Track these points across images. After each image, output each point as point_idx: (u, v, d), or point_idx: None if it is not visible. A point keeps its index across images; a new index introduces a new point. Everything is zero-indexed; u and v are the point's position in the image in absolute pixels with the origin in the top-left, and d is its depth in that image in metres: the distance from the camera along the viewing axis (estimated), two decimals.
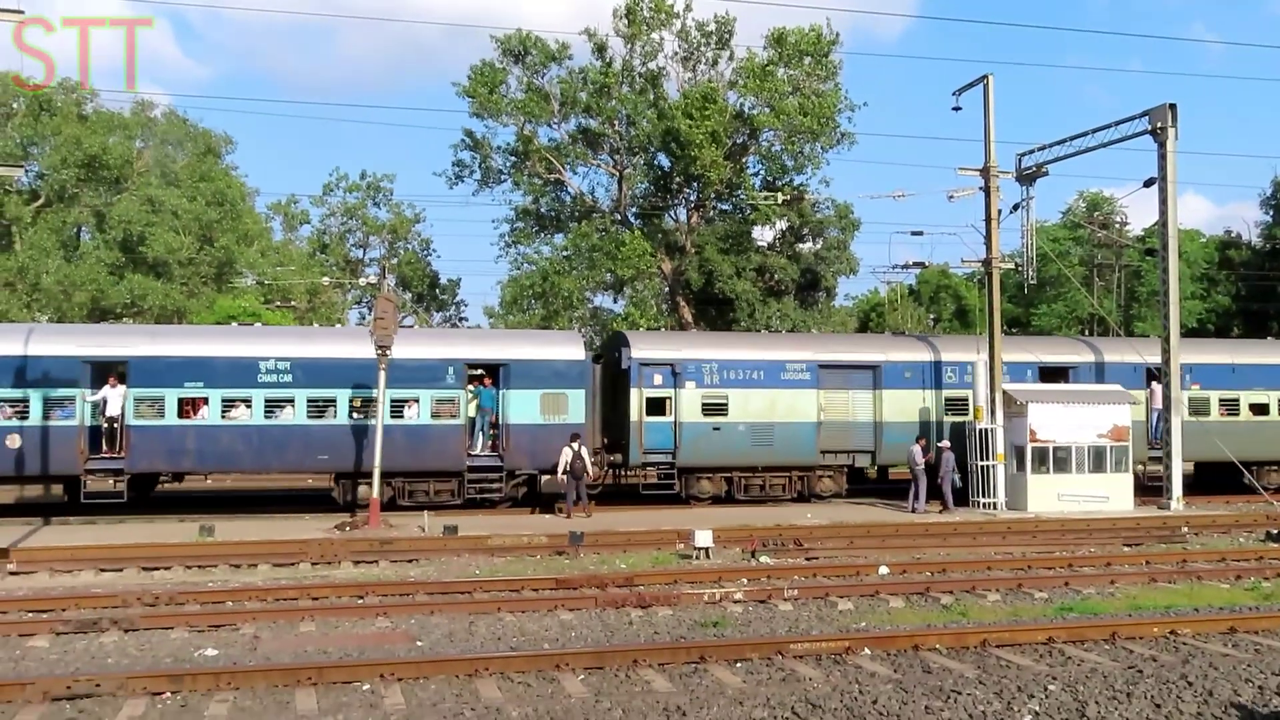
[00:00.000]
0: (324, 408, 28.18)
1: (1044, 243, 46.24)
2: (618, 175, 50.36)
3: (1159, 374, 33.11)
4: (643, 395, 30.20)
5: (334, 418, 28.17)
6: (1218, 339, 42.73)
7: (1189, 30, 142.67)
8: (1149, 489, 31.67)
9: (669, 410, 30.25)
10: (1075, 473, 29.67)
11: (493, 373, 29.63)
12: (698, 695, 11.11)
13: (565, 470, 28.17)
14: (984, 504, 29.80)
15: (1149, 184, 31.19)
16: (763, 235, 49.67)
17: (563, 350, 30.26)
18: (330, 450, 28.12)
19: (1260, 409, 34.19)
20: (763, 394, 30.80)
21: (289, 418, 28.05)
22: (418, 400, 28.54)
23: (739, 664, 12.49)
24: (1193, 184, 72.70)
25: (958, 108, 32.43)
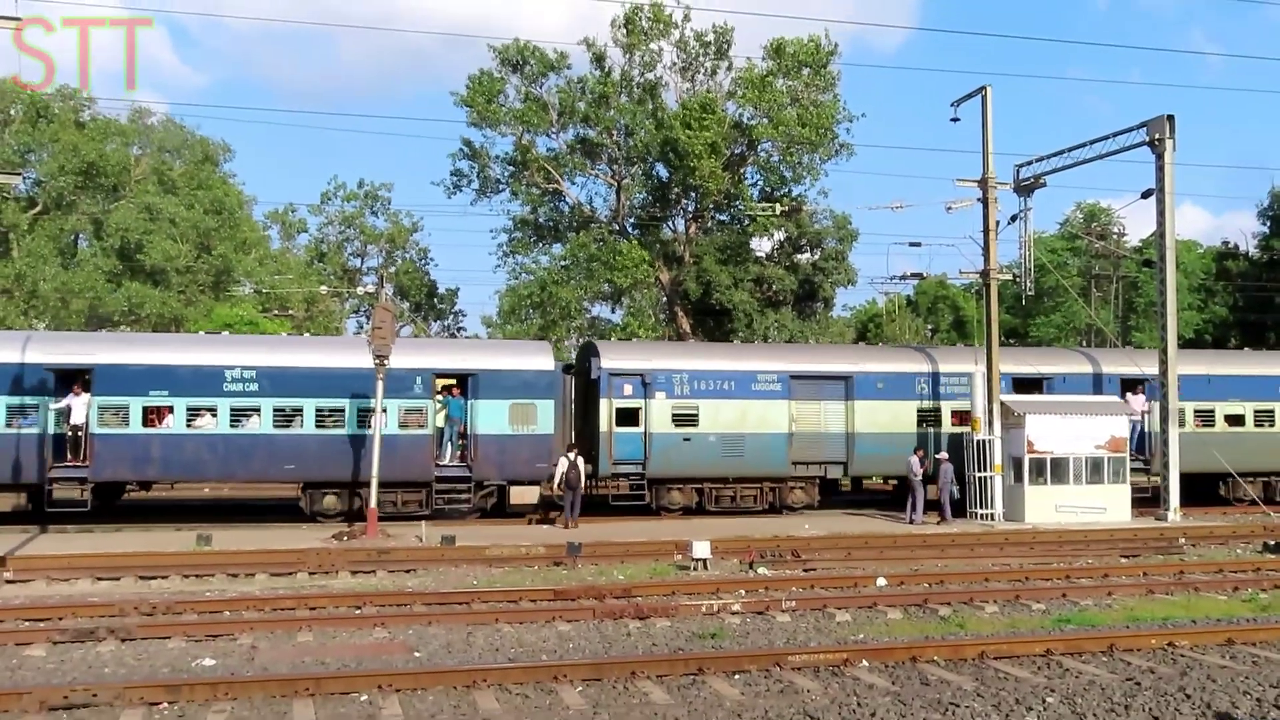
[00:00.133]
0: (290, 417, 28.00)
1: (1042, 254, 46.34)
2: (616, 185, 50.39)
3: (1135, 385, 33.25)
4: (612, 405, 30.02)
5: (300, 427, 28.00)
6: (1194, 350, 42.44)
7: (1187, 40, 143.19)
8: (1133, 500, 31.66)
9: (639, 421, 30.07)
10: (1072, 484, 29.72)
11: (462, 383, 29.45)
12: (696, 707, 11.12)
13: (561, 481, 28.16)
14: (981, 515, 29.83)
15: (1147, 195, 31.31)
16: (761, 246, 49.69)
17: (531, 360, 30.03)
18: (297, 460, 27.95)
19: (1236, 420, 34.05)
20: (733, 405, 30.61)
21: (255, 427, 27.87)
22: (385, 410, 28.04)
23: (737, 676, 12.48)
24: (1190, 195, 73.13)
25: (956, 119, 32.52)
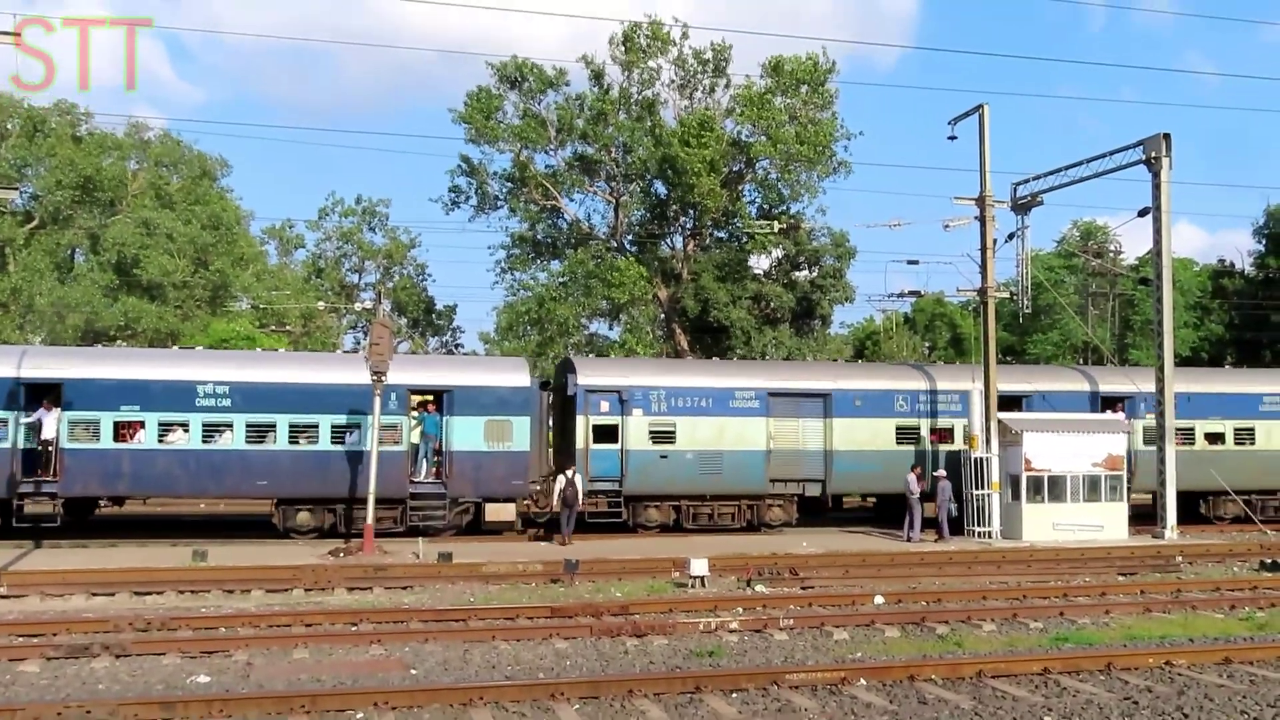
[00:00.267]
0: (263, 433, 27.83)
1: (1039, 271, 46.41)
2: (614, 202, 50.48)
3: (1115, 403, 33.25)
4: (589, 422, 29.82)
5: (274, 443, 27.83)
6: (1176, 368, 42.25)
7: (1182, 59, 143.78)
8: None
9: (617, 438, 29.89)
10: (1070, 502, 29.68)
11: (437, 399, 29.29)
12: None
13: (559, 498, 28.10)
14: (979, 533, 29.78)
15: (1143, 213, 31.34)
16: (759, 263, 49.76)
17: (507, 377, 29.87)
18: (270, 476, 27.74)
19: (1216, 438, 33.85)
20: (711, 422, 30.45)
21: (227, 442, 27.69)
22: (359, 426, 28.06)
23: (735, 694, 12.44)
24: (1185, 213, 73.25)
25: (953, 137, 32.63)
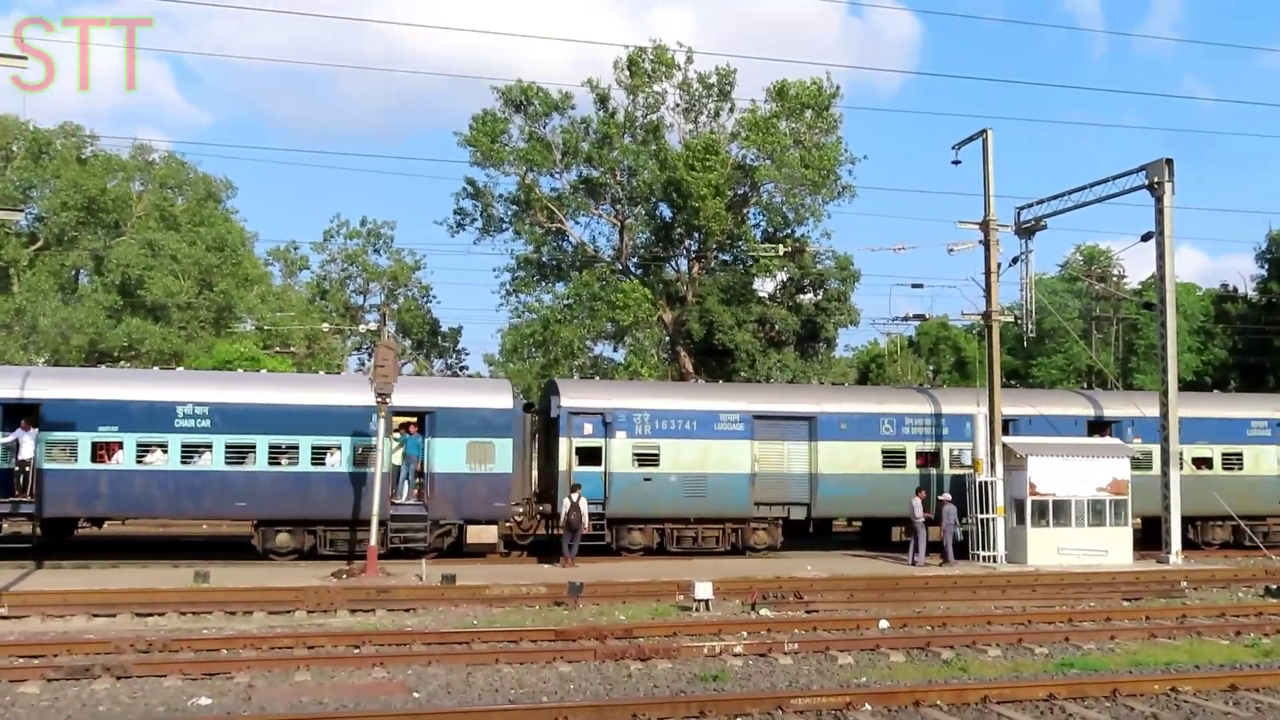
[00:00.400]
0: (243, 453, 27.74)
1: (1042, 295, 46.37)
2: (619, 225, 50.57)
3: (1104, 428, 33.14)
4: (572, 444, 29.69)
5: (253, 464, 27.74)
6: (1155, 392, 42.03)
7: (1184, 85, 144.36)
8: None
9: (600, 460, 29.72)
10: (1074, 526, 29.60)
11: (420, 420, 29.21)
12: None
13: (564, 520, 28.05)
14: (984, 557, 29.69)
15: (1147, 238, 31.43)
16: (763, 286, 49.80)
17: (490, 398, 29.80)
18: (249, 498, 27.65)
19: (1203, 463, 33.50)
20: (695, 444, 30.34)
21: (206, 463, 27.62)
22: (339, 447, 28.05)
23: (739, 718, 12.37)
24: (1188, 238, 73.43)
25: (957, 161, 32.60)
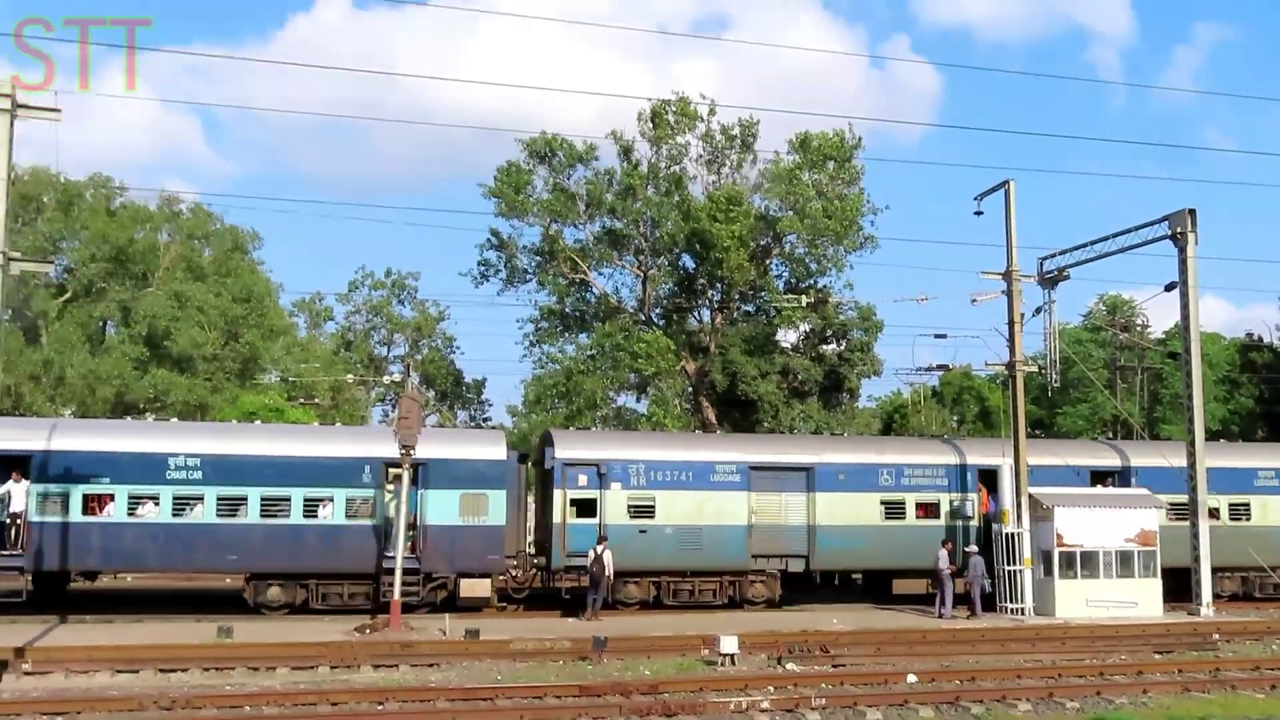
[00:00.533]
0: (235, 506, 27.61)
1: (1066, 345, 46.19)
2: (642, 276, 50.70)
3: (1105, 478, 32.68)
4: (566, 496, 29.40)
5: (245, 517, 27.61)
6: (1169, 441, 41.43)
7: (1203, 137, 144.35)
8: None
9: (595, 512, 29.41)
10: (1103, 577, 29.27)
11: (414, 472, 28.74)
12: None
13: (588, 573, 27.94)
14: (1011, 609, 29.36)
15: (1170, 288, 31.31)
16: (786, 337, 49.76)
17: (483, 450, 29.57)
18: (240, 550, 27.43)
19: (1210, 513, 32.02)
20: (691, 496, 29.98)
21: (198, 516, 27.45)
22: (332, 499, 27.92)
23: None
24: (1212, 287, 73.27)
25: (979, 212, 32.67)
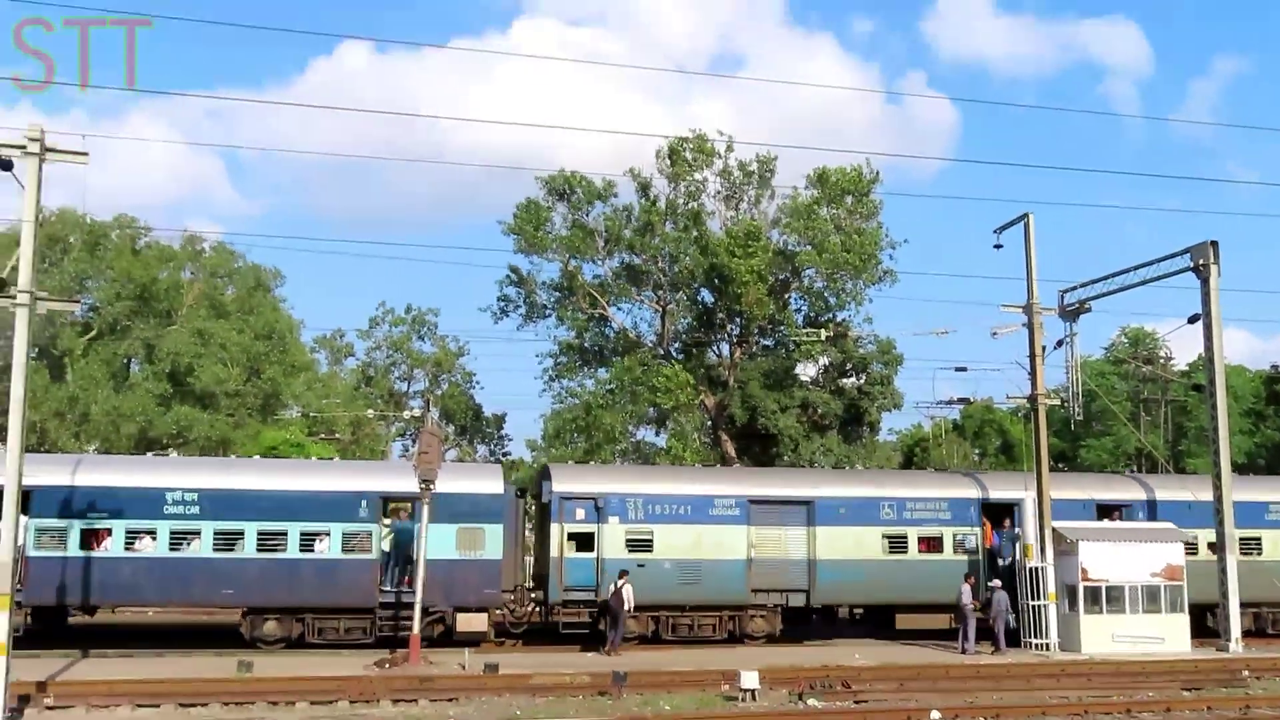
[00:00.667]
0: (232, 540, 27.60)
1: (1089, 378, 45.99)
2: (661, 310, 50.78)
3: (1111, 511, 32.30)
4: (563, 530, 29.28)
5: (242, 551, 27.60)
6: (1178, 475, 40.95)
7: (1224, 169, 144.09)
8: None
9: (593, 546, 29.26)
10: (1129, 613, 28.95)
11: (411, 506, 28.97)
12: None
13: (607, 608, 27.83)
14: (1036, 645, 29.05)
15: (1194, 320, 31.11)
16: (806, 370, 49.68)
17: (480, 484, 29.44)
18: (237, 585, 27.41)
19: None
20: (690, 530, 29.81)
21: (195, 550, 27.46)
22: (328, 533, 27.90)
23: None
24: (1235, 319, 72.67)
25: (999, 245, 32.57)
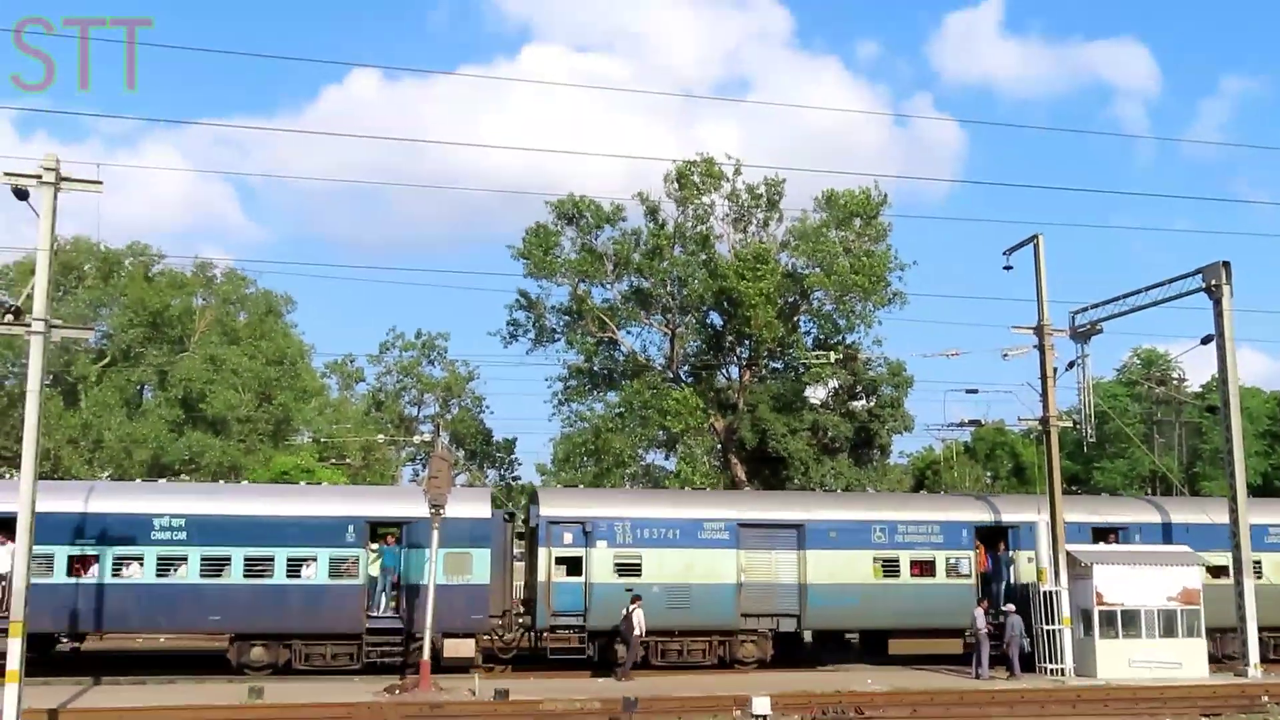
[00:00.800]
0: (219, 566, 27.54)
1: (1101, 399, 45.78)
2: (670, 334, 50.71)
3: (1107, 534, 32.07)
4: (551, 554, 29.21)
5: (229, 577, 27.54)
6: (1177, 498, 40.63)
7: (1235, 187, 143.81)
8: None
9: (581, 570, 29.17)
10: (1145, 637, 28.70)
11: (397, 531, 28.96)
12: None
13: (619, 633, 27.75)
14: (1051, 670, 28.82)
15: (1207, 341, 30.98)
16: (815, 393, 49.52)
17: (467, 508, 29.17)
18: (223, 611, 27.31)
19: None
20: (679, 554, 29.64)
21: (182, 576, 27.39)
22: (315, 559, 27.88)
23: None
24: (1248, 339, 72.26)
25: (1009, 267, 32.53)
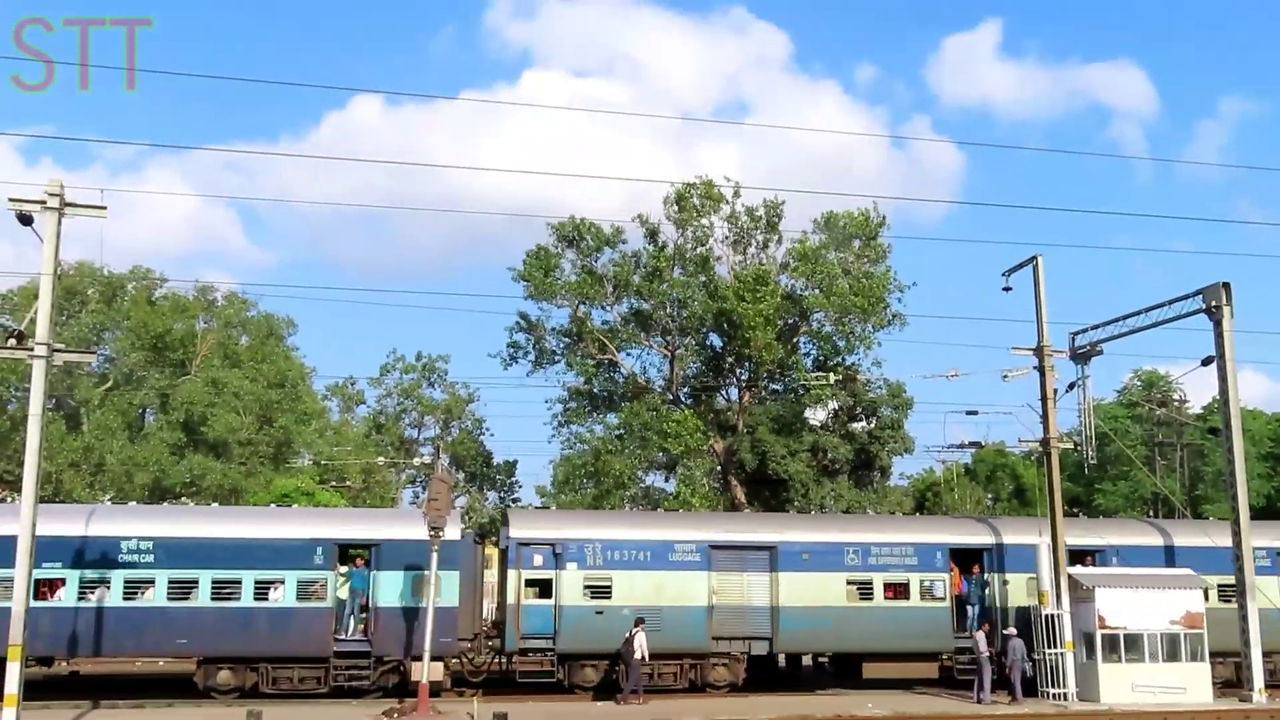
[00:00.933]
0: (186, 589, 27.36)
1: (1102, 421, 45.67)
2: (669, 356, 50.69)
3: (1083, 556, 31.73)
4: (520, 576, 29.06)
5: (196, 600, 27.34)
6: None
7: (1234, 208, 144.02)
8: None
9: (550, 593, 29.02)
10: (1149, 661, 28.48)
11: (366, 553, 28.74)
12: None
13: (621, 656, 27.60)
14: (1053, 694, 28.61)
15: (1207, 362, 30.84)
16: (815, 415, 49.38)
17: None
18: (190, 634, 27.13)
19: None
20: (649, 576, 29.50)
21: (149, 599, 27.22)
22: (283, 581, 27.73)
23: None
24: (1248, 360, 72.45)
25: (1008, 288, 32.45)
